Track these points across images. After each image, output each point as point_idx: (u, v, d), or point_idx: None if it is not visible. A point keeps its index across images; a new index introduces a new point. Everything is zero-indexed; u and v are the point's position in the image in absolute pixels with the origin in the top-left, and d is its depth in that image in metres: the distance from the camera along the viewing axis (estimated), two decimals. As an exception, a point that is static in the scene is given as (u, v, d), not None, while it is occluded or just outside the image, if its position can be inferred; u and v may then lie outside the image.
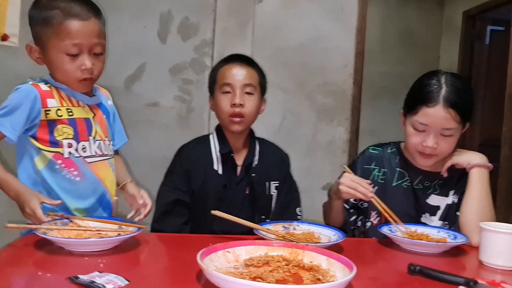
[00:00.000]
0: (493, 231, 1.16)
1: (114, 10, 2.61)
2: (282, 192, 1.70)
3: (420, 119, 1.41)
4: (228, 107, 1.58)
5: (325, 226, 1.37)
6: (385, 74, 4.69)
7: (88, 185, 1.34)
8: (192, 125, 2.71)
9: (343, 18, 2.87)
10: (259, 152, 1.69)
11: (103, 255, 1.06)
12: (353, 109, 2.91)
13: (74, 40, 1.24)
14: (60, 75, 1.30)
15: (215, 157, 1.64)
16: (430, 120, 1.39)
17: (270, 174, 1.68)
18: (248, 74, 1.60)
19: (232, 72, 1.60)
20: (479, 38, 4.48)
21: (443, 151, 1.44)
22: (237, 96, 1.57)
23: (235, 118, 1.58)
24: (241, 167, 1.64)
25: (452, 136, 1.42)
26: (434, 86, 1.40)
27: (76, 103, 1.33)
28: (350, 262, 0.93)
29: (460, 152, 1.48)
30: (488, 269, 1.15)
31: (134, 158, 2.67)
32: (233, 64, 1.62)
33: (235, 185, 1.62)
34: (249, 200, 1.64)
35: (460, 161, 1.45)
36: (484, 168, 1.41)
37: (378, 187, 1.55)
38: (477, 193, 1.39)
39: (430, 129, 1.40)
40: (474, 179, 1.41)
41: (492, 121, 4.03)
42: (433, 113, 1.38)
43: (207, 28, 2.72)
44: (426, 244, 1.26)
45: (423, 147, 1.43)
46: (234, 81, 1.59)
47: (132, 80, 2.66)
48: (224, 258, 1.01)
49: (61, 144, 1.28)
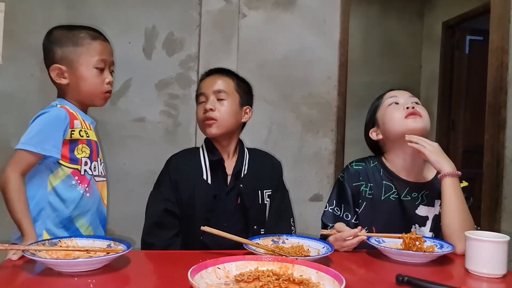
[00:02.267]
0: (478, 240, 1.18)
1: (98, 25, 2.57)
2: (275, 200, 1.68)
3: (391, 94, 1.63)
4: (201, 114, 1.64)
5: (314, 239, 1.38)
6: (368, 84, 4.74)
7: (94, 202, 1.44)
8: (179, 140, 2.72)
9: (326, 31, 2.91)
10: (249, 160, 1.68)
11: (93, 275, 1.06)
12: (338, 120, 2.95)
13: (102, 56, 1.44)
14: (87, 88, 1.43)
15: (204, 167, 1.63)
16: (396, 92, 1.63)
17: (262, 183, 1.66)
18: (220, 82, 1.66)
19: (205, 82, 1.68)
20: (459, 48, 4.58)
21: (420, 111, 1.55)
22: (208, 102, 1.63)
23: (207, 121, 1.62)
24: (231, 176, 1.64)
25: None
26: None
27: (88, 126, 1.45)
28: (339, 275, 0.95)
29: (435, 150, 1.46)
30: (474, 277, 1.17)
31: (121, 174, 2.67)
32: (208, 76, 1.70)
33: (225, 195, 1.60)
34: (242, 210, 1.61)
35: (431, 159, 1.44)
36: (455, 176, 1.43)
37: (367, 203, 1.56)
38: (454, 203, 1.40)
39: (399, 97, 1.60)
40: (449, 189, 1.41)
41: (474, 129, 4.11)
42: (395, 92, 1.63)
43: (192, 43, 2.74)
44: (413, 254, 1.28)
45: (407, 109, 1.54)
46: (206, 89, 1.65)
47: (118, 96, 2.66)
48: (215, 274, 1.02)
49: (80, 161, 1.39)
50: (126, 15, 2.66)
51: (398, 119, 1.54)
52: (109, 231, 2.55)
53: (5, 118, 2.50)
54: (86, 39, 1.43)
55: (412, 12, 5.12)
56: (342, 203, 1.59)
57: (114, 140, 2.66)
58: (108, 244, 1.24)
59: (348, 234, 1.36)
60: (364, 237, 1.36)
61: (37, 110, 1.47)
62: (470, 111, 4.44)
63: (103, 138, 2.62)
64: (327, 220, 1.59)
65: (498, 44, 2.97)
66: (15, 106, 2.51)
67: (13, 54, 2.50)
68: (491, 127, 3.01)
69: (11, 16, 2.49)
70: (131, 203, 2.62)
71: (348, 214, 1.57)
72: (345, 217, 1.57)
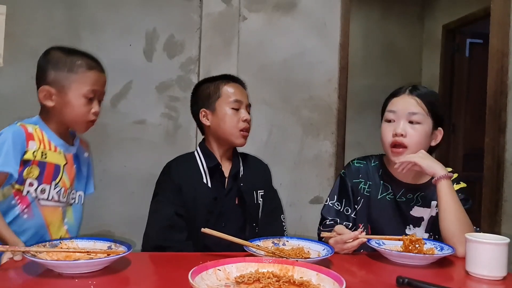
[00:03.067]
0: (478, 242, 1.18)
1: (99, 28, 2.63)
2: (267, 200, 1.76)
3: (389, 108, 1.54)
4: (240, 122, 1.69)
5: (314, 241, 1.38)
6: (368, 88, 4.75)
7: (33, 225, 1.40)
8: (179, 142, 2.72)
9: (326, 34, 2.92)
10: (242, 164, 1.76)
11: (94, 276, 1.06)
12: (339, 123, 2.95)
13: (94, 86, 1.44)
14: (71, 115, 1.43)
15: (203, 171, 1.68)
16: (397, 107, 1.52)
17: (256, 184, 1.75)
18: (247, 96, 1.76)
19: (239, 90, 1.73)
20: (459, 51, 4.58)
21: (413, 141, 1.48)
22: (247, 113, 1.71)
23: (244, 132, 1.69)
24: (228, 178, 1.70)
25: (420, 124, 1.49)
26: (402, 87, 1.57)
27: (53, 148, 1.43)
28: (339, 277, 0.94)
29: (425, 156, 1.46)
30: (475, 279, 1.17)
31: (121, 176, 2.67)
32: (236, 84, 1.75)
33: (224, 196, 1.67)
34: (239, 210, 1.68)
35: (424, 165, 1.44)
36: (449, 178, 1.43)
37: (364, 200, 1.59)
38: (451, 205, 1.40)
39: (398, 116, 1.51)
40: (445, 192, 1.41)
41: (475, 132, 4.10)
42: (399, 100, 1.54)
43: (192, 45, 2.74)
44: (413, 256, 1.27)
45: (393, 137, 1.50)
46: (243, 99, 1.71)
47: (119, 98, 2.66)
48: (215, 276, 1.02)
49: (25, 182, 1.37)
50: (127, 17, 2.67)
51: (385, 143, 1.55)
52: (109, 233, 2.57)
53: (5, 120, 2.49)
54: (82, 67, 1.43)
55: (413, 16, 5.13)
56: (343, 198, 1.61)
57: (114, 142, 2.66)
58: (108, 246, 1.24)
59: (349, 237, 1.36)
60: (365, 239, 1.36)
61: (37, 113, 1.48)
62: (470, 115, 4.43)
63: (103, 141, 2.64)
64: (327, 213, 1.61)
65: (499, 47, 2.97)
66: (15, 108, 2.50)
67: (14, 56, 2.50)
68: (491, 131, 3.01)
69: (12, 19, 2.49)
70: (131, 205, 2.63)
71: (348, 208, 1.60)
72: (345, 211, 1.59)
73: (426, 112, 1.49)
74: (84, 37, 2.62)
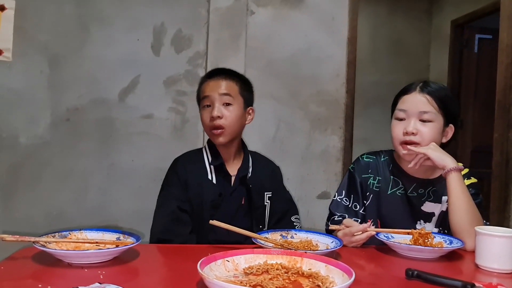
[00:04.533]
0: (488, 235, 1.17)
1: (107, 23, 2.64)
2: (276, 203, 1.72)
3: (400, 106, 1.52)
4: (208, 121, 1.62)
5: (322, 234, 1.38)
6: (376, 83, 4.73)
7: None
8: (187, 137, 2.72)
9: (334, 29, 2.90)
10: (252, 164, 1.72)
11: (102, 267, 1.07)
12: (347, 118, 2.94)
13: None
14: None
15: (208, 168, 1.66)
16: (407, 105, 1.50)
17: (264, 185, 1.71)
18: (225, 85, 1.63)
19: (209, 84, 1.65)
20: (468, 47, 4.54)
21: (424, 138, 1.46)
22: (215, 109, 1.60)
23: (215, 130, 1.61)
24: (235, 177, 1.66)
25: (432, 122, 1.47)
26: (412, 84, 1.54)
27: None
28: (349, 268, 0.94)
29: (435, 148, 1.45)
30: (485, 272, 1.16)
31: (129, 171, 2.68)
32: (212, 78, 1.66)
33: (229, 195, 1.64)
34: (245, 211, 1.65)
35: (435, 158, 1.42)
36: (459, 171, 1.42)
37: (373, 195, 1.57)
38: (461, 198, 1.39)
39: (409, 114, 1.49)
40: (455, 185, 1.40)
41: (483, 128, 4.08)
42: (410, 98, 1.50)
43: (200, 40, 2.74)
44: (423, 249, 1.27)
45: (404, 135, 1.48)
46: (211, 92, 1.62)
47: (126, 92, 2.67)
48: (224, 267, 1.02)
49: None
50: (135, 12, 2.67)
51: (396, 141, 1.52)
52: (116, 227, 2.58)
53: (14, 115, 2.52)
54: None
55: (421, 11, 5.10)
56: (351, 194, 1.60)
57: (122, 136, 2.67)
58: (117, 237, 1.24)
59: (357, 229, 1.35)
60: (373, 232, 1.36)
61: (46, 107, 1.47)
62: (478, 111, 4.40)
63: (111, 135, 2.65)
64: (335, 209, 1.60)
65: (508, 42, 2.94)
66: (24, 103, 2.52)
67: (23, 51, 2.51)
68: (500, 126, 2.98)
69: (21, 14, 2.50)
70: (139, 200, 2.63)
71: (356, 204, 1.58)
72: (354, 207, 1.58)
73: (437, 110, 1.47)
74: (93, 32, 2.62)
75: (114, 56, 2.63)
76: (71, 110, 2.58)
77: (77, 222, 2.54)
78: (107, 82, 2.64)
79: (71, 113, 2.58)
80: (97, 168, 2.64)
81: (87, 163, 2.63)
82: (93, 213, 2.62)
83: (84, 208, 2.62)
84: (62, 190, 2.60)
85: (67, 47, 2.59)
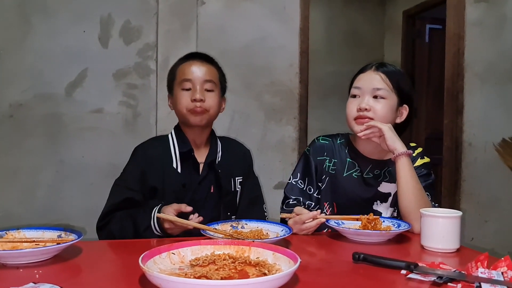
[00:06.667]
0: (432, 216, 1.19)
1: (51, 13, 2.53)
2: (247, 187, 1.68)
3: (355, 84, 1.55)
4: (189, 102, 1.56)
5: (273, 223, 1.37)
6: (332, 74, 4.78)
7: None
8: (139, 131, 2.66)
9: (286, 18, 2.90)
10: (221, 149, 1.67)
11: (41, 266, 1.01)
12: (301, 108, 2.95)
13: None
14: None
15: (174, 156, 1.59)
16: (362, 83, 1.53)
17: (234, 170, 1.66)
18: (208, 71, 1.59)
19: (192, 68, 1.58)
20: (419, 37, 4.66)
21: (377, 115, 1.48)
22: (197, 92, 1.55)
23: (197, 108, 1.55)
24: (203, 164, 1.61)
25: (385, 99, 1.49)
26: (369, 64, 1.59)
27: None
28: (294, 255, 0.93)
29: (390, 129, 1.46)
30: (430, 252, 1.18)
31: (79, 167, 2.59)
32: (193, 61, 1.60)
33: (197, 184, 1.58)
34: (215, 198, 1.60)
35: (388, 138, 1.43)
36: (408, 156, 1.44)
37: (330, 178, 1.58)
38: (410, 182, 1.40)
39: (363, 91, 1.51)
40: (404, 169, 1.41)
41: (436, 115, 4.20)
42: (364, 76, 1.54)
43: (150, 31, 2.67)
44: (370, 233, 1.28)
45: (358, 111, 1.50)
46: (194, 77, 1.57)
47: (74, 86, 2.57)
48: (169, 260, 0.99)
49: None
50: (80, 2, 2.57)
51: (349, 117, 1.53)
52: (68, 226, 2.49)
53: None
54: None
55: (374, 2, 5.19)
56: (306, 177, 1.60)
57: (70, 132, 2.58)
58: (58, 235, 1.19)
59: (307, 217, 1.35)
60: (323, 219, 1.36)
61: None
62: (431, 98, 4.53)
63: (58, 131, 2.55)
64: (290, 192, 1.59)
65: (455, 31, 3.03)
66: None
67: None
68: (449, 112, 3.08)
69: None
70: (91, 197, 2.55)
71: (311, 187, 1.58)
72: (308, 190, 1.58)
73: (390, 88, 1.50)
74: (36, 23, 2.51)
75: (59, 49, 2.53)
76: (14, 106, 2.47)
77: (25, 222, 2.44)
78: (52, 76, 2.53)
79: (14, 109, 2.47)
80: (46, 165, 2.55)
81: (34, 161, 2.52)
82: (43, 212, 2.52)
83: (32, 208, 2.52)
84: (8, 190, 2.49)
85: (8, 39, 2.47)
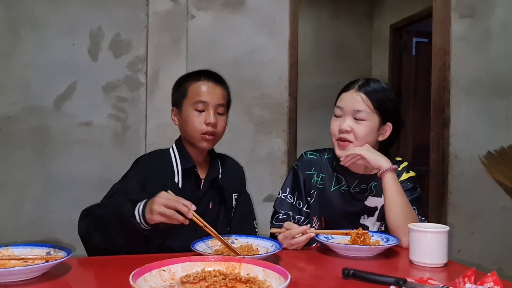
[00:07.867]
0: (419, 231, 1.21)
1: (40, 26, 2.53)
2: (240, 203, 1.70)
3: (338, 103, 1.55)
4: (202, 125, 1.55)
5: (263, 238, 1.37)
6: (320, 86, 4.82)
7: None
8: (128, 144, 2.64)
9: (276, 32, 2.93)
10: (221, 165, 1.68)
11: (30, 284, 1.01)
12: (290, 120, 2.97)
13: None
14: None
15: (176, 170, 1.58)
16: (343, 103, 1.53)
17: (231, 186, 1.68)
18: (221, 94, 1.60)
19: (207, 90, 1.57)
20: (406, 50, 4.73)
21: (357, 136, 1.50)
22: (211, 116, 1.55)
23: (208, 136, 1.55)
24: (204, 181, 1.61)
25: (365, 121, 1.50)
26: (354, 81, 1.57)
27: None
28: (284, 271, 0.94)
29: (369, 149, 1.48)
30: (418, 267, 1.20)
31: (67, 180, 2.57)
32: (207, 81, 1.59)
33: (197, 200, 1.56)
34: (213, 215, 1.60)
35: (370, 159, 1.45)
36: (393, 171, 1.46)
37: (317, 192, 1.59)
38: (396, 197, 1.42)
39: (344, 112, 1.52)
40: (390, 184, 1.43)
41: (423, 127, 4.25)
42: (346, 96, 1.54)
43: (139, 44, 2.68)
44: (360, 248, 1.29)
45: (339, 132, 1.51)
46: (209, 99, 1.56)
47: (63, 99, 2.56)
48: (159, 277, 0.99)
49: None
50: (70, 15, 2.57)
51: (332, 137, 1.56)
52: (55, 240, 2.47)
53: None
54: None
55: (362, 15, 5.25)
56: (295, 191, 1.61)
57: (59, 145, 2.56)
58: (47, 252, 1.18)
59: (297, 232, 1.36)
60: (313, 234, 1.37)
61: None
62: (418, 111, 4.59)
63: (46, 144, 2.54)
64: (280, 207, 1.60)
65: (441, 45, 3.09)
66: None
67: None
68: (436, 125, 3.12)
69: None
70: (79, 211, 2.49)
71: (300, 202, 1.60)
72: (297, 204, 1.59)
73: (371, 109, 1.49)
74: (24, 35, 2.50)
75: (48, 61, 2.52)
76: (2, 119, 2.45)
77: (11, 237, 2.41)
78: (41, 88, 2.52)
79: (2, 122, 2.45)
80: (33, 178, 2.52)
81: (21, 174, 2.50)
82: (29, 227, 2.49)
83: (19, 222, 2.48)
84: (-6, 203, 2.46)
85: (-4, 52, 2.45)
